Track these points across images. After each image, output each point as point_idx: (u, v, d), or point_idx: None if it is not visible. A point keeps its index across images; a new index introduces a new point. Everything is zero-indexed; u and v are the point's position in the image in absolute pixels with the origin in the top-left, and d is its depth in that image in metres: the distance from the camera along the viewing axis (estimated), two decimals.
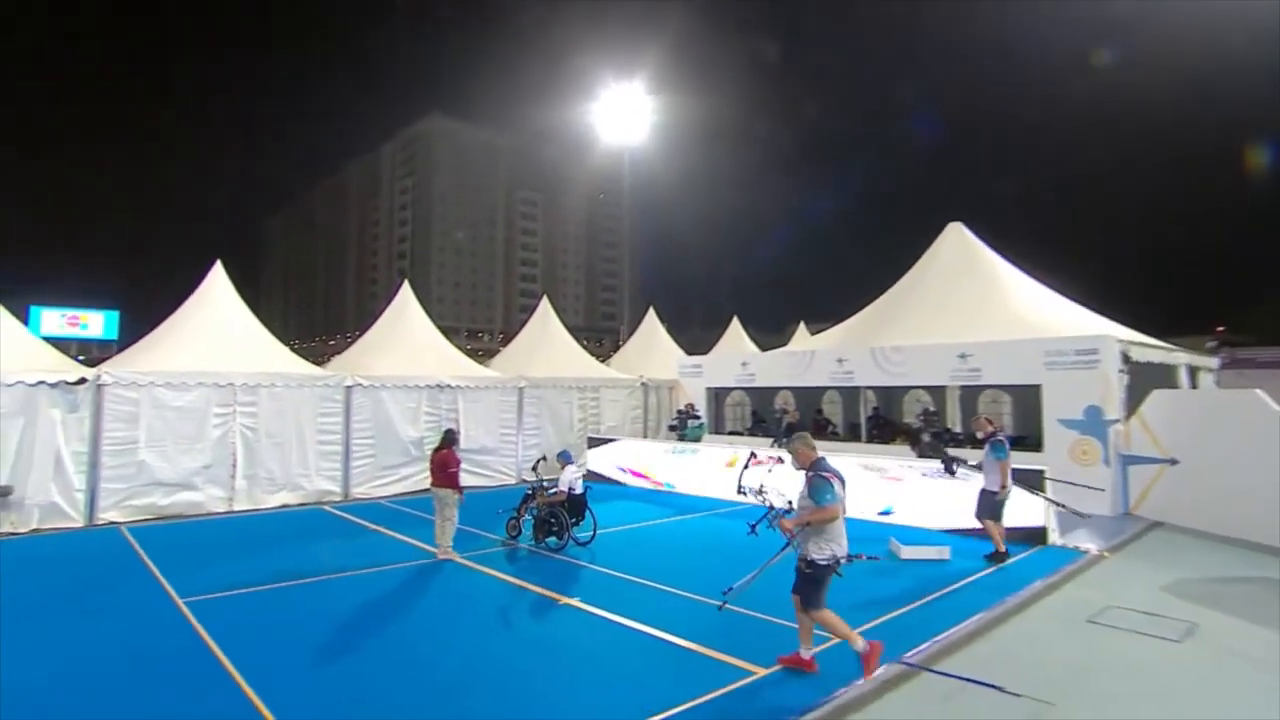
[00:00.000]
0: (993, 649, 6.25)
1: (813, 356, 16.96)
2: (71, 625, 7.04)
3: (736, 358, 19.54)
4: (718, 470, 14.86)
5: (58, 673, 5.88)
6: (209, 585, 8.31)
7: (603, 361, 22.46)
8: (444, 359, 17.19)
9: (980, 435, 9.86)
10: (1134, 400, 12.73)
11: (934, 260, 17.55)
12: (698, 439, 16.95)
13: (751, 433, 19.57)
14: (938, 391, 18.46)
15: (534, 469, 11.67)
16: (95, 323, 53.40)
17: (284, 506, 13.70)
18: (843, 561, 5.74)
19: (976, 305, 15.65)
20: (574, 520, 10.39)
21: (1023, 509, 10.13)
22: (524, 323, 22.44)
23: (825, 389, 20.76)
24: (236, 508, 13.24)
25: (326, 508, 13.74)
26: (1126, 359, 12.87)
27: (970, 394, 17.63)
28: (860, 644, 5.68)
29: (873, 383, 16.05)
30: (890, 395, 19.60)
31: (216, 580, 8.54)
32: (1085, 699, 5.32)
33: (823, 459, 5.99)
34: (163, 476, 12.58)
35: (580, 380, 19.06)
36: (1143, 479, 12.13)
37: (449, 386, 16.19)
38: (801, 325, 27.88)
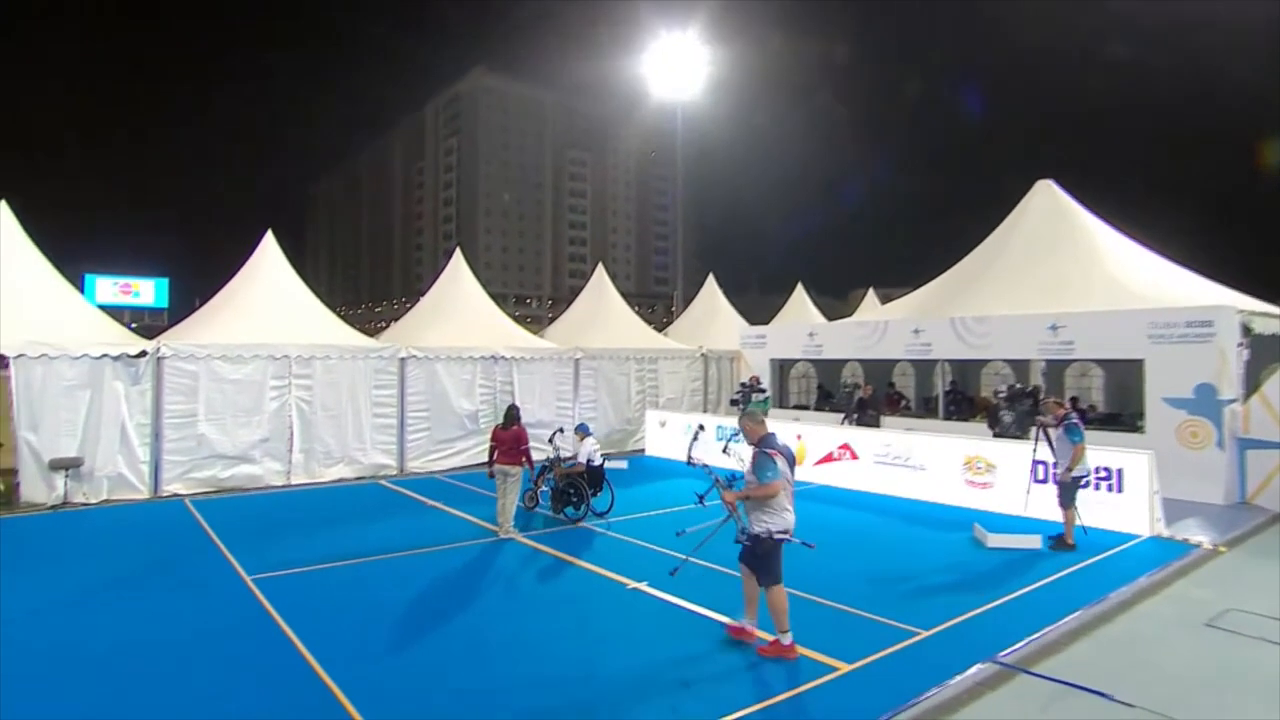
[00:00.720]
0: (1097, 651, 6.06)
1: (886, 327, 16.57)
2: (148, 602, 7.41)
3: (803, 328, 19.25)
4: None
5: (137, 649, 6.20)
6: (275, 562, 8.66)
7: (656, 329, 22.36)
8: (498, 330, 17.39)
9: (1053, 419, 9.52)
10: (1253, 377, 12.09)
11: (1020, 222, 16.84)
12: (764, 414, 16.79)
13: (818, 407, 19.33)
14: (1021, 365, 17.91)
15: (550, 441, 12.06)
16: (146, 290, 55.51)
17: (340, 480, 14.17)
18: (783, 538, 6.02)
19: (1069, 271, 15.00)
20: (592, 491, 10.94)
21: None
22: (573, 288, 22.53)
23: (896, 361, 20.35)
24: (294, 481, 13.75)
25: (383, 482, 14.15)
26: (1247, 331, 12.19)
27: (1056, 368, 17.05)
28: (786, 639, 5.92)
29: (952, 355, 15.64)
30: (966, 369, 19.09)
31: (282, 557, 8.90)
32: (1208, 714, 5.09)
33: (771, 435, 6.20)
34: (222, 449, 13.12)
35: (638, 351, 19.08)
36: (1263, 466, 11.54)
37: (503, 358, 16.38)
38: (870, 292, 27.28)
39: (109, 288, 53.81)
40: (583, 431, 11.36)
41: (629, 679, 5.67)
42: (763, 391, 17.45)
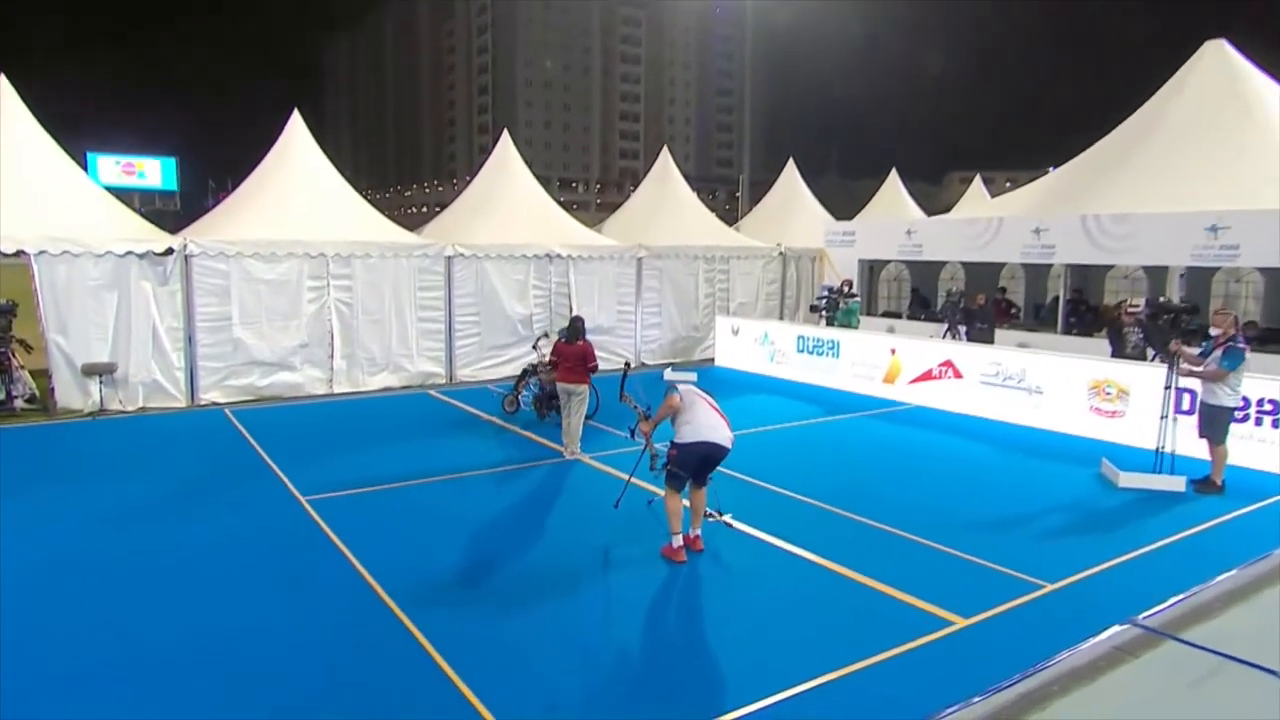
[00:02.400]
0: (1259, 620, 5.92)
1: (1000, 225, 15.88)
2: (203, 525, 7.79)
3: (899, 225, 18.61)
4: (877, 363, 14.53)
5: (199, 575, 6.56)
6: (329, 482, 8.98)
7: (721, 220, 21.75)
8: (553, 225, 17.23)
9: (1216, 333, 8.96)
10: None
11: (1178, 95, 15.58)
12: (848, 324, 16.47)
13: (912, 315, 18.88)
14: (1156, 272, 17.07)
15: (535, 346, 12.56)
16: (153, 171, 56.16)
17: (386, 390, 14.53)
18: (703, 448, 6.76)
19: (1237, 158, 13.91)
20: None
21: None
22: (623, 171, 22.05)
23: (1002, 265, 19.62)
24: (337, 390, 14.14)
25: (431, 392, 14.47)
26: None
27: (1200, 276, 16.19)
28: (676, 541, 6.83)
29: (1079, 259, 14.96)
30: (1087, 273, 18.30)
31: (336, 476, 9.22)
32: None
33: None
34: (259, 355, 13.50)
35: (707, 249, 18.77)
36: None
37: (559, 256, 16.29)
38: (977, 181, 26.07)
39: (111, 168, 54.43)
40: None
41: (714, 623, 5.77)
42: (854, 297, 17.05)
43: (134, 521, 7.77)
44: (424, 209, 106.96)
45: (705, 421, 6.88)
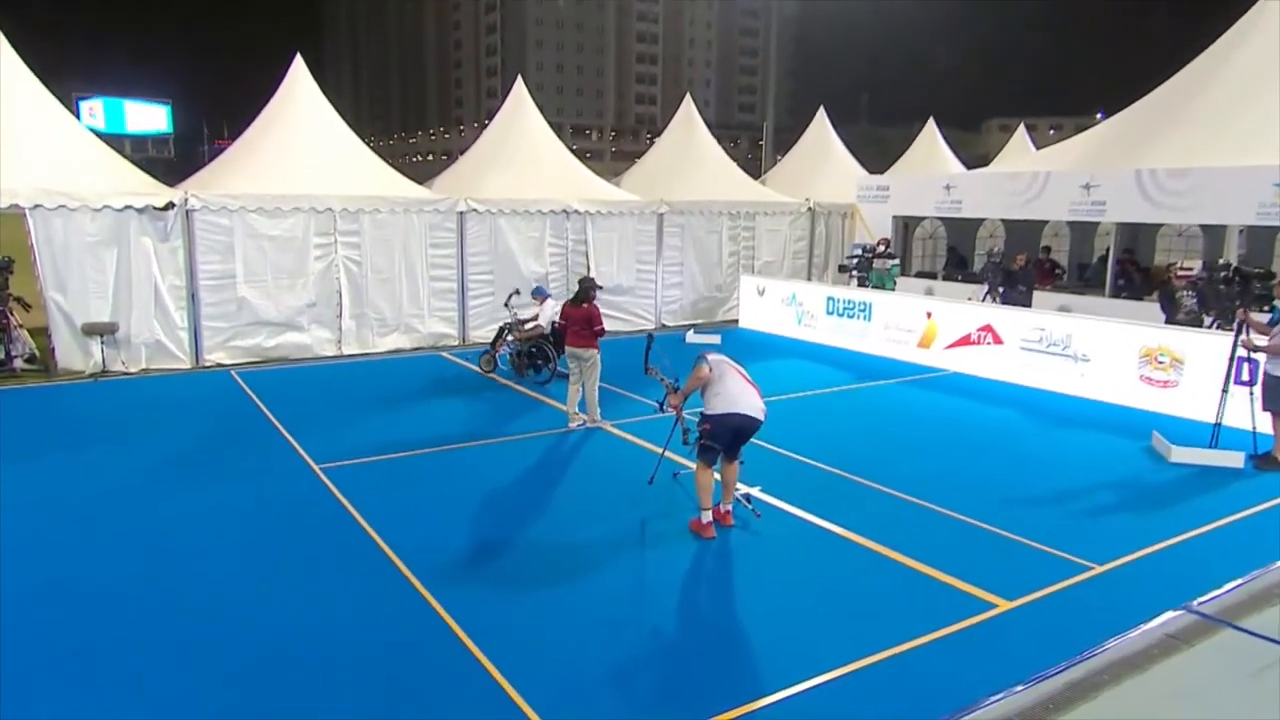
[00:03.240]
0: None
1: (1046, 180, 15.60)
2: (215, 494, 7.90)
3: (937, 180, 18.31)
4: (912, 327, 14.45)
5: (215, 548, 6.67)
6: (344, 449, 9.09)
7: (743, 170, 21.45)
8: (569, 178, 17.12)
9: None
10: None
11: (1243, 42, 15.10)
12: (882, 284, 16.31)
13: (948, 275, 18.69)
14: (1213, 231, 16.76)
15: (506, 305, 13.13)
16: (150, 116, 55.88)
17: (397, 351, 14.63)
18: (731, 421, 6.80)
19: None
20: (559, 352, 12.16)
21: None
22: (639, 117, 21.77)
23: (1044, 223, 19.33)
24: (346, 351, 14.25)
25: (444, 354, 14.55)
26: None
27: (1261, 236, 15.88)
28: (706, 516, 6.91)
29: (1133, 217, 14.69)
30: (1136, 233, 18.01)
31: (351, 443, 9.33)
32: None
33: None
34: (266, 315, 13.58)
35: (732, 205, 18.61)
36: None
37: (576, 212, 16.20)
38: (1021, 130, 25.56)
39: (102, 112, 54.06)
40: (541, 295, 12.65)
41: (750, 600, 5.82)
42: (892, 257, 16.85)
43: (143, 492, 7.89)
44: (429, 157, 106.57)
45: (736, 392, 6.89)
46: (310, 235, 13.75)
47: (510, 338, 12.66)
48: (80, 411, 10.87)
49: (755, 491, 7.80)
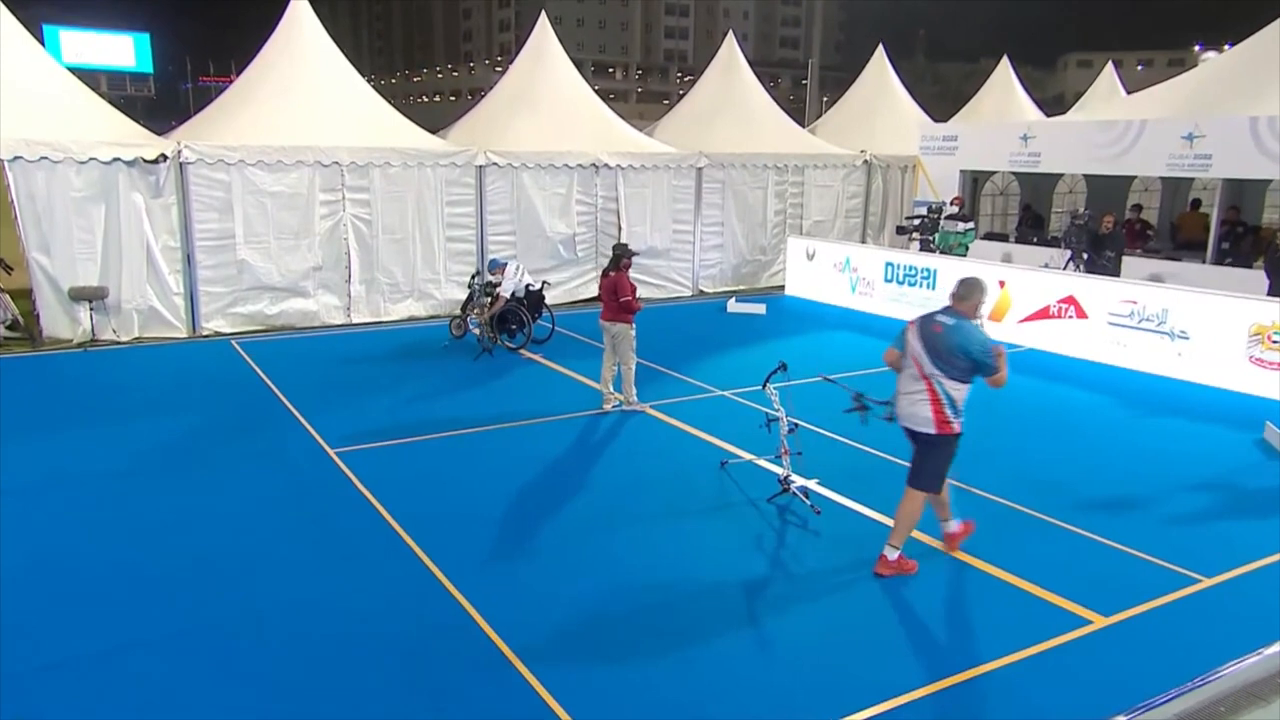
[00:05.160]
0: None
1: (1141, 130, 15.25)
2: (222, 481, 7.98)
3: (1012, 129, 17.95)
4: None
5: (227, 543, 6.74)
6: (359, 430, 9.16)
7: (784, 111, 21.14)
8: (598, 128, 17.00)
9: None
10: None
11: None
12: (949, 249, 16.09)
13: (1021, 238, 18.40)
14: None
15: (471, 282, 13.42)
16: (123, 49, 55.42)
17: (411, 319, 14.73)
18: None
19: None
20: (532, 317, 12.89)
21: None
22: (669, 54, 21.45)
23: (1132, 178, 18.96)
24: (355, 319, 14.35)
25: None
26: None
27: None
28: (894, 554, 6.34)
29: (1243, 173, 14.37)
30: (1242, 189, 17.60)
31: (366, 422, 9.41)
32: None
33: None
34: (268, 280, 13.66)
35: (778, 157, 18.40)
36: None
37: (607, 166, 16.10)
38: (1108, 69, 24.92)
39: (75, 43, 53.65)
40: (497, 266, 12.92)
41: (822, 616, 5.80)
42: (966, 219, 16.56)
43: (142, 476, 7.98)
44: (436, 97, 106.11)
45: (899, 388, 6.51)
46: (315, 191, 13.77)
47: (474, 311, 12.90)
48: (69, 384, 11.00)
49: (814, 485, 7.76)
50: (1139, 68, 60.89)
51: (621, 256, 10.02)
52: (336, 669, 5.09)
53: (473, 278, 13.56)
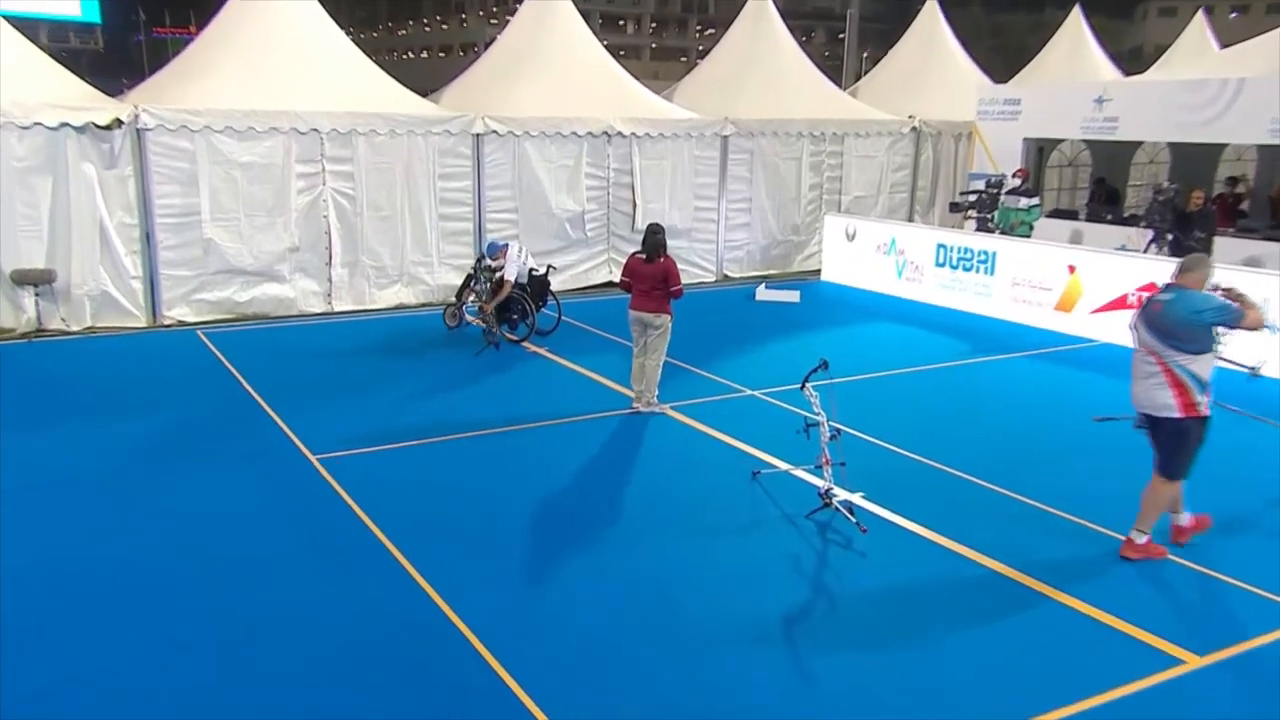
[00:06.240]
0: None
1: (1239, 89, 15.15)
2: (197, 497, 7.96)
3: (1084, 90, 17.82)
4: (1049, 283, 14.23)
5: (199, 566, 6.74)
6: (345, 434, 9.17)
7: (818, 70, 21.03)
8: (611, 91, 16.99)
9: None
10: None
11: None
12: (1011, 229, 16.02)
13: (1094, 215, 18.33)
14: None
15: (478, 266, 12.98)
16: None
17: (400, 307, 14.81)
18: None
19: None
20: (536, 305, 12.92)
21: None
22: (685, 3, 21.36)
23: (1223, 146, 18.86)
24: (337, 307, 14.42)
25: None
26: None
27: None
28: (1142, 538, 6.83)
29: None
30: None
31: (352, 426, 9.44)
32: None
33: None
34: (239, 262, 13.71)
35: (814, 124, 18.37)
36: None
37: (620, 135, 16.10)
38: (1198, 17, 24.61)
39: None
40: (497, 249, 12.78)
41: (871, 650, 5.79)
42: (1030, 194, 16.48)
43: (94, 487, 7.95)
44: (423, 53, 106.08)
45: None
46: (292, 162, 13.80)
47: (474, 302, 12.80)
48: (10, 381, 10.94)
49: (858, 499, 7.74)
50: (1232, 15, 60.03)
51: (663, 240, 9.91)
52: (324, 700, 5.11)
53: (478, 261, 13.41)
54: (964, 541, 7.13)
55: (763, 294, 16.15)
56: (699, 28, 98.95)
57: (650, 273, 9.81)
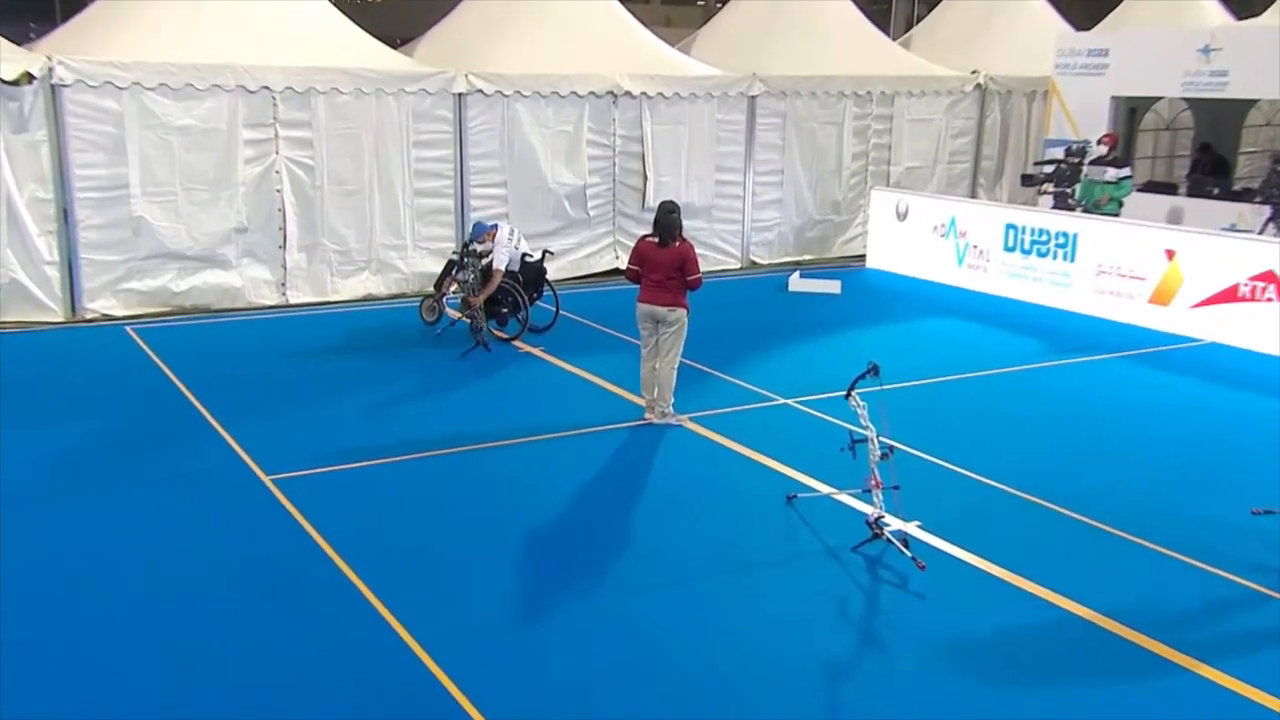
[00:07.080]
0: None
1: None
2: (128, 528, 7.91)
3: (1186, 38, 17.76)
4: (1142, 272, 14.20)
5: (145, 629, 6.71)
6: (303, 450, 9.18)
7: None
8: (618, 43, 17.00)
9: None
10: None
11: None
12: (1097, 206, 15.99)
13: (1197, 189, 18.29)
14: None
15: (464, 251, 13.01)
16: None
17: (368, 299, 14.86)
18: None
19: None
20: (529, 296, 12.98)
21: None
22: None
23: None
24: (293, 299, 14.46)
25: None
26: None
27: None
28: None
29: None
30: None
31: (312, 441, 9.45)
32: None
33: None
34: (175, 244, 13.73)
35: (859, 81, 18.40)
36: None
37: (629, 95, 16.11)
38: None
39: None
40: (484, 230, 12.84)
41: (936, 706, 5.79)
42: (1120, 165, 16.44)
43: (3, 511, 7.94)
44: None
45: None
46: (239, 126, 13.83)
47: (456, 293, 12.90)
48: None
49: (913, 529, 7.73)
50: None
51: (678, 221, 9.82)
52: None
53: (463, 246, 13.38)
54: (1048, 584, 7.04)
55: (797, 284, 16.15)
56: None
57: (663, 259, 9.79)
